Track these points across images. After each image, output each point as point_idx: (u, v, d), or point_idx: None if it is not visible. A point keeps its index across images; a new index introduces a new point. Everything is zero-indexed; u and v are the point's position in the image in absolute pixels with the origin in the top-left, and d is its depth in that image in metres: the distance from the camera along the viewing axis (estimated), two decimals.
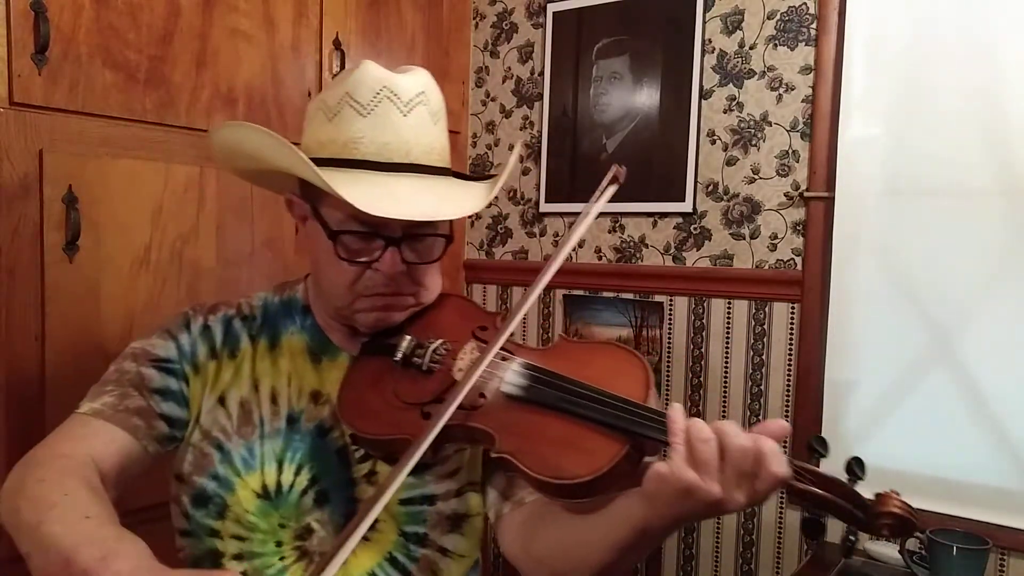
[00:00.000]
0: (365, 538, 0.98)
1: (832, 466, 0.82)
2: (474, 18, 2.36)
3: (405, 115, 0.94)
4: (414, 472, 0.98)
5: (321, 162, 0.92)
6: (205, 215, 1.57)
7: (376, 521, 0.98)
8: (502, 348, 0.92)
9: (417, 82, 0.97)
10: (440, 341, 0.98)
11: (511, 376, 0.90)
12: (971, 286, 1.69)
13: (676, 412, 0.79)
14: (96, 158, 1.40)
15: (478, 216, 2.38)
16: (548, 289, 2.26)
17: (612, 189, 1.02)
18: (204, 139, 1.58)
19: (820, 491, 0.77)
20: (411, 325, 1.02)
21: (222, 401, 1.02)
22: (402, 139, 0.94)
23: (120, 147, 1.44)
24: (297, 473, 0.99)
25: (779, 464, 0.74)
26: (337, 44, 1.86)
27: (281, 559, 0.99)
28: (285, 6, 1.73)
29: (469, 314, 1.04)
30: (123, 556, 0.74)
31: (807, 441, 0.81)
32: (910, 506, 0.75)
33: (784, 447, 1.90)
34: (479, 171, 2.37)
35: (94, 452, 0.93)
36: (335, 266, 0.96)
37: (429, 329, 1.01)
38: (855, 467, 0.79)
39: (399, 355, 0.97)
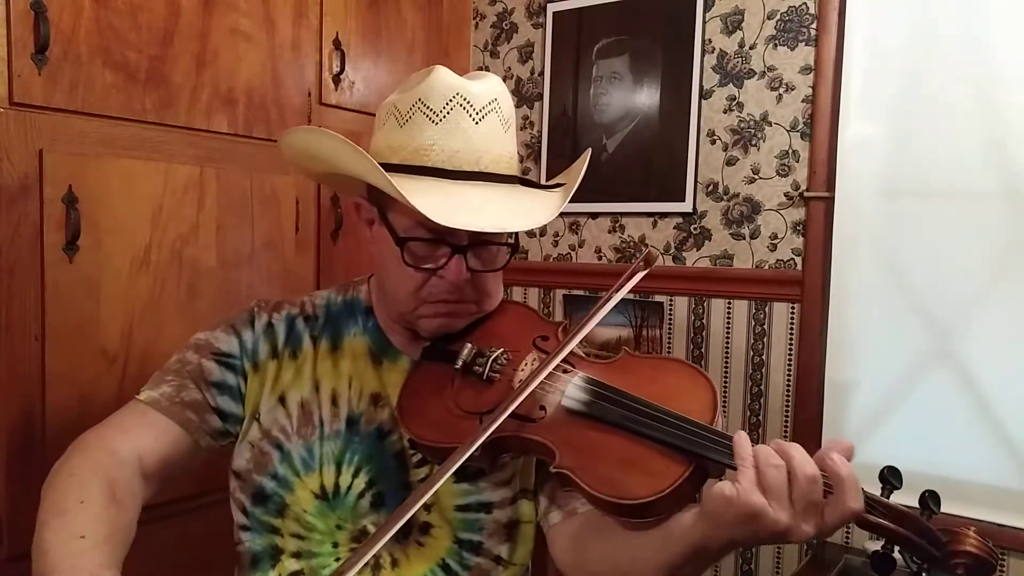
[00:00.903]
0: (419, 543, 1.00)
1: (904, 498, 0.80)
2: (474, 18, 2.36)
3: (477, 123, 0.94)
4: (469, 479, 1.00)
5: (390, 168, 0.92)
6: (205, 215, 1.57)
7: (430, 527, 1.00)
8: (564, 361, 0.92)
9: (490, 89, 0.97)
10: (501, 350, 0.97)
11: (572, 390, 0.89)
12: (971, 286, 1.69)
13: (742, 437, 0.77)
14: (96, 158, 1.40)
15: None
16: (548, 288, 2.26)
17: (640, 275, 0.99)
18: (204, 139, 1.58)
19: (892, 525, 0.74)
20: (472, 332, 1.02)
21: (283, 401, 1.03)
22: (473, 147, 0.94)
23: (120, 147, 1.44)
24: (355, 475, 1.00)
25: (854, 498, 0.73)
26: (337, 44, 1.86)
27: (337, 560, 0.99)
28: (285, 6, 1.72)
29: (530, 323, 1.03)
30: None
31: (879, 472, 0.77)
32: (988, 544, 0.72)
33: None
34: None
35: (140, 446, 0.95)
36: (401, 271, 0.96)
37: (490, 337, 1.01)
38: (929, 501, 0.76)
39: (460, 363, 0.97)
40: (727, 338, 1.99)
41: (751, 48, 1.93)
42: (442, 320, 0.99)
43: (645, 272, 0.97)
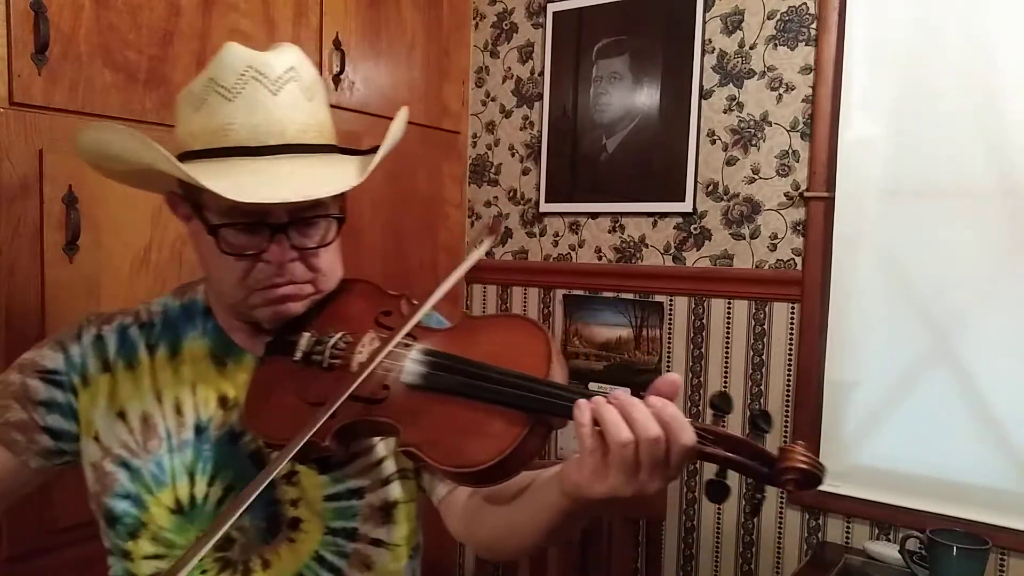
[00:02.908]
0: (290, 540, 0.97)
1: (737, 419, 0.81)
2: (474, 18, 2.36)
3: (275, 94, 0.89)
4: (333, 469, 0.97)
5: (195, 154, 0.89)
6: None
7: (300, 521, 0.97)
8: (405, 335, 0.89)
9: (285, 58, 0.91)
10: (340, 334, 0.93)
11: (410, 365, 0.87)
12: (971, 286, 1.69)
13: (584, 415, 0.75)
14: None
15: (478, 216, 2.38)
16: (548, 288, 2.26)
17: (489, 241, 0.96)
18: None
19: (726, 452, 0.75)
20: (313, 318, 0.97)
21: (122, 416, 0.98)
22: (274, 119, 0.89)
23: None
24: (211, 484, 0.96)
25: (686, 436, 0.73)
26: (337, 44, 1.86)
27: (203, 572, 0.96)
28: (285, 6, 1.73)
29: (373, 299, 0.99)
30: None
31: (710, 399, 0.78)
32: (815, 457, 0.73)
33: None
34: (479, 172, 2.37)
35: None
36: (222, 262, 0.91)
37: (331, 320, 0.97)
38: (760, 421, 0.77)
39: (299, 354, 0.93)
40: (727, 338, 1.99)
41: (751, 48, 1.93)
42: (276, 307, 0.94)
43: (492, 239, 0.93)
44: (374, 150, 0.98)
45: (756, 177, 1.94)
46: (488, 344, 0.88)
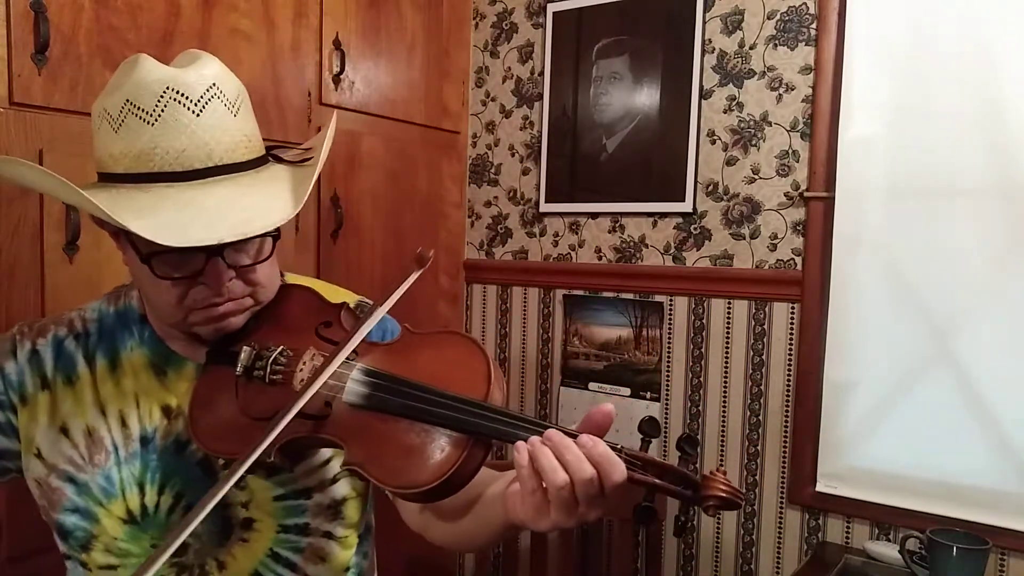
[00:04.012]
0: (243, 540, 0.98)
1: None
2: (474, 18, 2.36)
3: (198, 115, 0.85)
4: (279, 473, 0.97)
5: (117, 178, 0.86)
6: None
7: (253, 521, 0.98)
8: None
9: (205, 74, 0.87)
10: (280, 349, 0.93)
11: (352, 385, 0.87)
12: (971, 286, 1.69)
13: (523, 456, 0.78)
14: None
15: (478, 216, 2.38)
16: (548, 288, 2.26)
17: (415, 276, 0.94)
18: None
19: (655, 480, 0.78)
20: (253, 329, 0.96)
21: (65, 432, 0.96)
22: (199, 142, 0.85)
23: None
24: (161, 492, 0.95)
25: (617, 472, 0.76)
26: (337, 44, 1.86)
27: None
28: (285, 6, 1.73)
29: (312, 309, 0.99)
30: None
31: (639, 424, 0.81)
32: (733, 485, 0.77)
33: (783, 463, 1.90)
34: (479, 172, 2.37)
35: None
36: (157, 286, 0.89)
37: (271, 331, 0.97)
38: (686, 446, 0.80)
39: (239, 368, 0.93)
40: (727, 338, 1.99)
41: (751, 48, 1.93)
42: (216, 324, 0.93)
43: (420, 272, 0.92)
44: (306, 160, 0.95)
45: (756, 177, 1.94)
46: (429, 362, 0.89)
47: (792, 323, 1.90)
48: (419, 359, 0.90)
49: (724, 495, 0.77)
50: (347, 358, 0.89)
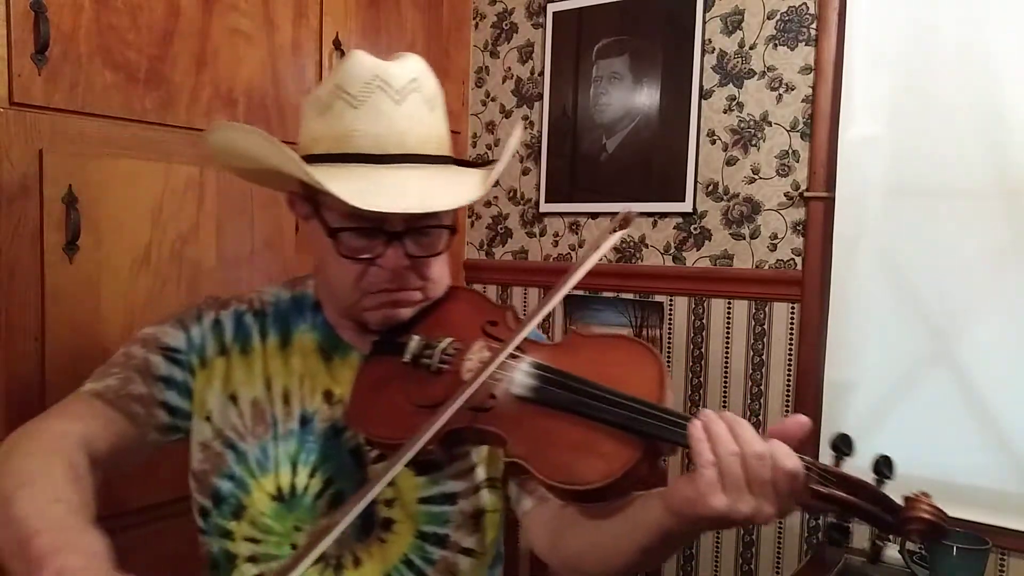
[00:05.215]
0: (381, 540, 0.98)
1: (858, 463, 0.79)
2: (474, 18, 2.36)
3: (398, 104, 0.92)
4: (429, 471, 0.98)
5: (316, 158, 0.92)
6: (205, 215, 1.57)
7: (392, 523, 0.98)
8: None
9: (410, 69, 0.94)
10: (449, 340, 0.95)
11: (520, 377, 0.88)
12: (971, 286, 1.69)
13: (698, 429, 0.76)
14: (96, 158, 1.40)
15: (478, 216, 2.38)
16: (548, 288, 2.26)
17: (618, 235, 0.96)
18: (204, 139, 1.58)
19: (846, 495, 0.73)
20: (420, 322, 1.00)
21: (234, 399, 1.00)
22: (396, 129, 0.92)
23: (120, 147, 1.44)
24: (311, 475, 0.98)
25: (790, 460, 0.73)
26: (337, 44, 1.86)
27: None
28: (285, 6, 1.73)
29: (479, 308, 1.01)
30: (78, 551, 0.72)
31: (830, 440, 0.78)
32: (940, 509, 0.73)
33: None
34: None
35: (89, 433, 0.92)
36: (338, 264, 0.94)
37: (438, 326, 0.99)
38: (883, 467, 0.76)
39: (408, 356, 0.95)
40: (727, 338, 1.99)
41: (751, 48, 1.93)
42: (386, 311, 0.97)
43: (622, 233, 0.94)
44: (490, 163, 1.02)
45: (756, 177, 1.94)
46: (599, 363, 0.87)
47: (792, 323, 1.90)
48: (588, 359, 0.89)
49: (931, 519, 0.72)
50: (513, 355, 0.90)
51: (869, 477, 0.76)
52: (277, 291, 1.09)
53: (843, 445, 0.77)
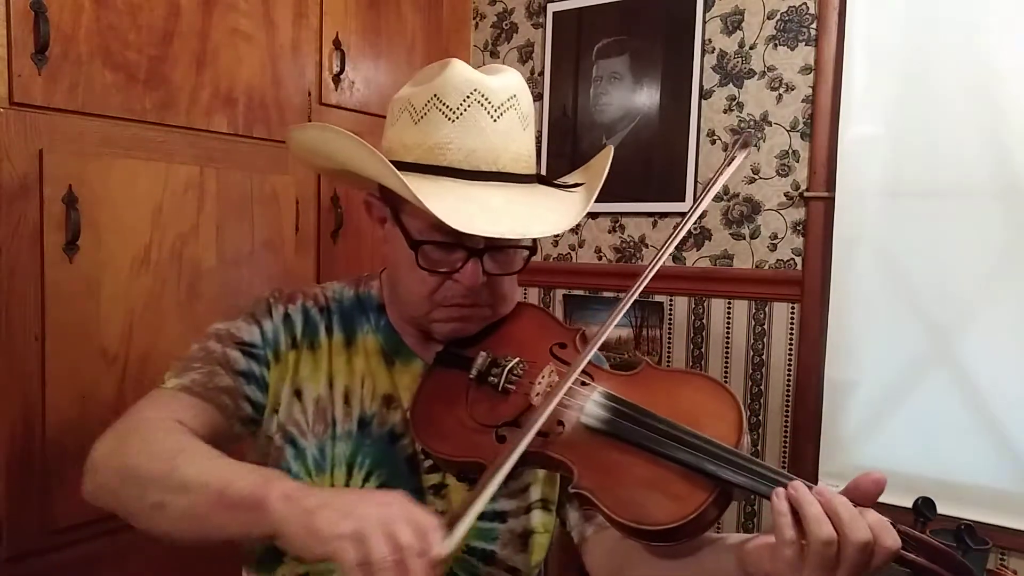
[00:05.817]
0: None
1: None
2: (474, 18, 2.36)
3: (495, 120, 0.91)
4: None
5: (404, 166, 0.90)
6: (205, 215, 1.57)
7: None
8: (583, 372, 0.89)
9: (509, 85, 0.93)
10: (517, 360, 0.93)
11: (591, 407, 0.85)
12: (971, 286, 1.69)
13: (783, 503, 0.72)
14: (96, 158, 1.40)
15: None
16: (548, 288, 2.26)
17: (742, 155, 0.93)
18: (204, 139, 1.58)
19: (927, 562, 0.71)
20: (487, 338, 0.99)
21: (298, 395, 1.00)
22: (490, 146, 0.90)
23: (120, 147, 1.44)
24: (366, 479, 0.97)
25: (891, 540, 0.70)
26: (337, 44, 1.86)
27: None
28: (285, 6, 1.72)
29: (547, 329, 1.00)
30: (280, 479, 0.75)
31: (914, 503, 0.76)
32: None
33: (784, 463, 1.90)
34: None
35: (185, 421, 0.91)
36: (414, 274, 0.93)
37: (505, 344, 0.97)
38: (965, 536, 0.74)
39: (474, 372, 0.93)
40: (727, 338, 1.99)
41: (751, 48, 1.93)
42: (456, 324, 0.97)
43: (745, 155, 0.90)
44: (575, 185, 1.01)
45: (756, 177, 1.94)
46: (674, 399, 0.85)
47: (792, 323, 1.90)
48: (663, 394, 0.86)
49: None
50: (583, 383, 0.88)
51: (908, 520, 0.73)
52: (340, 288, 1.07)
53: (926, 509, 0.75)
